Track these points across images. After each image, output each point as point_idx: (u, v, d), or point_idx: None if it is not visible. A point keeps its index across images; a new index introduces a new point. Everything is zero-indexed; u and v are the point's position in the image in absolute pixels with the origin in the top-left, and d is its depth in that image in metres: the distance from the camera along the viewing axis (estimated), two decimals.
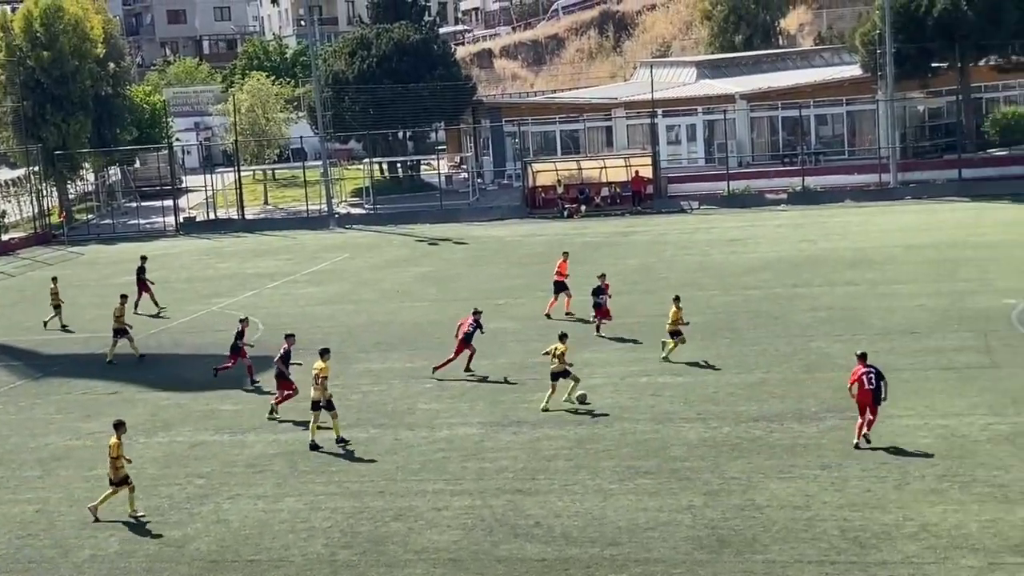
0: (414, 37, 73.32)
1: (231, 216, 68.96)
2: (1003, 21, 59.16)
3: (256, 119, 77.79)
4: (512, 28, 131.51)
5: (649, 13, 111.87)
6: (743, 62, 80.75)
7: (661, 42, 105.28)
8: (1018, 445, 22.45)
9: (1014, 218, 50.82)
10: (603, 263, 46.76)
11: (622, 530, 19.88)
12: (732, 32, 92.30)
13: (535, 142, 72.53)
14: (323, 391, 25.39)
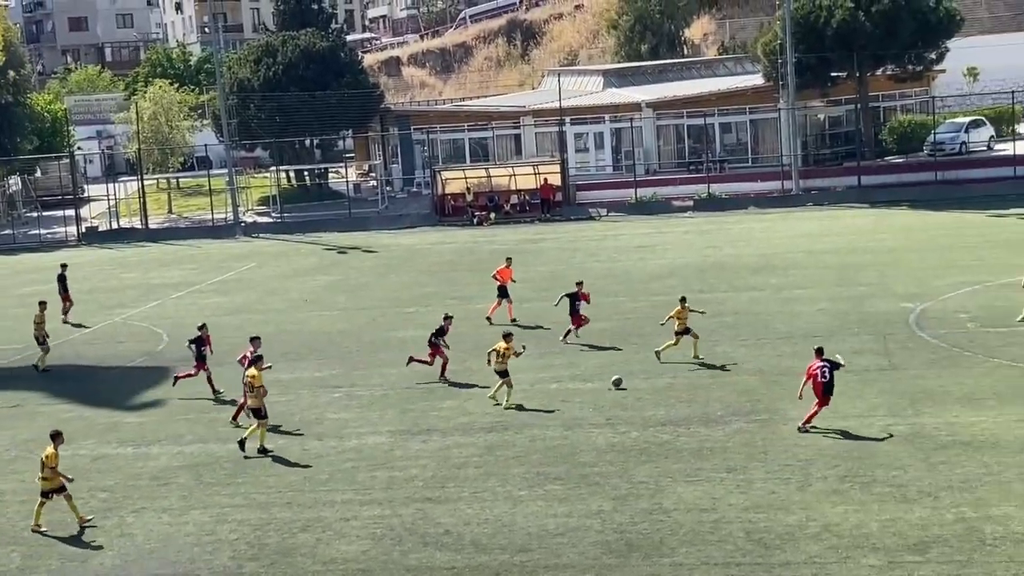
0: (321, 44, 73.01)
1: (134, 226, 68.01)
2: (899, 32, 60.46)
3: (160, 127, 76.87)
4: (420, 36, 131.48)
5: (556, 22, 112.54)
6: (649, 71, 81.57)
7: (568, 51, 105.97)
8: (916, 445, 22.96)
9: (911, 224, 51.93)
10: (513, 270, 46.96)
11: (532, 536, 19.99)
12: (638, 41, 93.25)
13: (444, 150, 72.57)
14: (259, 398, 25.39)
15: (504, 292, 37.48)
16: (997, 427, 23.67)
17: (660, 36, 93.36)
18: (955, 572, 17.49)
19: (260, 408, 25.48)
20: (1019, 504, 19.68)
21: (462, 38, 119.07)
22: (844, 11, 60.56)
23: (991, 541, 18.39)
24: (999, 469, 21.36)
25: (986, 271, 39.35)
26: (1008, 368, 27.67)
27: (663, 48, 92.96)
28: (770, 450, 23.33)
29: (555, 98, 68.19)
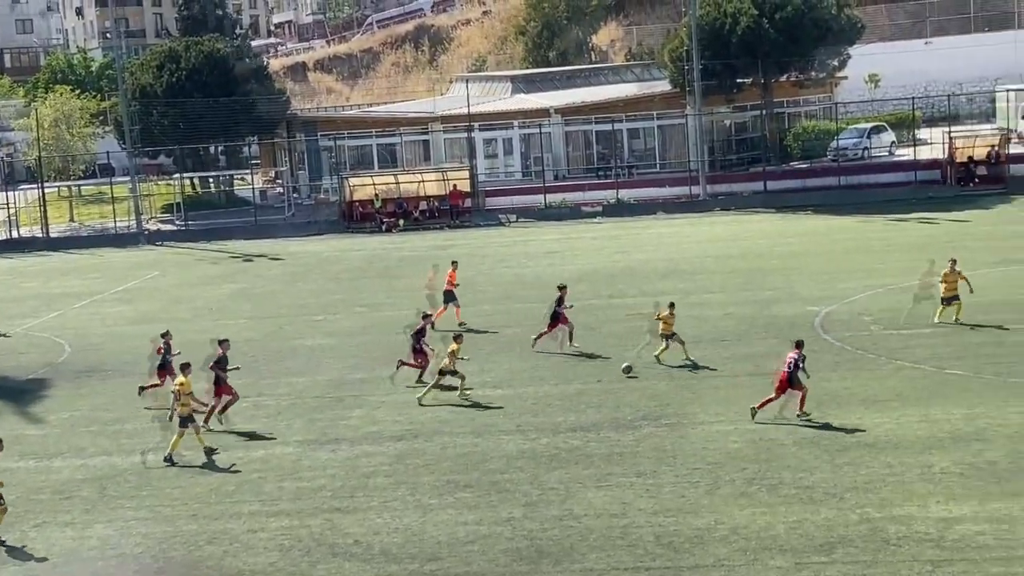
0: (225, 50, 72.18)
1: (35, 234, 66.65)
2: (801, 39, 61.37)
3: (60, 134, 75.42)
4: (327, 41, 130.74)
5: (464, 28, 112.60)
6: (557, 77, 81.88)
7: (476, 56, 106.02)
8: (822, 447, 23.24)
9: (816, 228, 52.68)
10: (422, 277, 46.80)
11: (442, 545, 19.87)
12: (546, 48, 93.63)
13: (352, 156, 72.11)
14: (187, 406, 25.15)
15: (451, 296, 37.23)
16: (899, 428, 24.04)
17: (568, 42, 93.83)
18: (860, 572, 17.70)
19: (188, 416, 25.16)
20: (921, 504, 20.00)
21: (369, 43, 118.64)
22: (749, 18, 61.32)
23: (895, 541, 18.65)
24: (902, 469, 21.69)
25: (889, 274, 40.02)
26: (910, 370, 28.13)
27: (571, 54, 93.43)
28: (679, 454, 23.46)
29: (464, 104, 68.15)
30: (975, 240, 45.74)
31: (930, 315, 32.48)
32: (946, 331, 31.65)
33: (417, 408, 27.94)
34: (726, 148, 69.51)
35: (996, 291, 35.87)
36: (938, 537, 18.66)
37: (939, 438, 23.24)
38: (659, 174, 67.26)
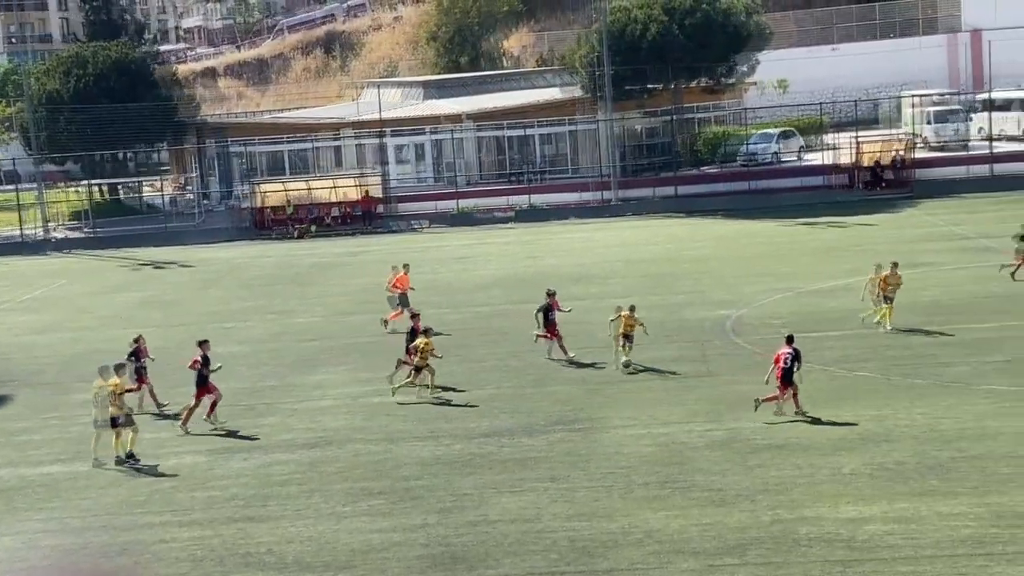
0: (133, 55, 71.17)
1: None
2: (711, 45, 61.99)
3: None
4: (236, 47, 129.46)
5: (375, 33, 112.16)
6: (469, 82, 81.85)
7: (388, 62, 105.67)
8: (734, 450, 23.46)
9: (726, 232, 53.24)
10: (334, 283, 46.59)
11: (355, 552, 19.74)
12: (457, 53, 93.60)
13: (263, 162, 71.48)
14: (119, 407, 24.95)
15: (404, 299, 37.00)
16: (810, 430, 24.35)
17: (479, 48, 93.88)
18: (772, 573, 17.88)
19: (118, 417, 25.02)
20: (831, 505, 20.27)
21: (279, 49, 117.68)
22: (658, 24, 61.81)
23: (805, 542, 18.87)
24: (811, 471, 21.97)
25: (798, 278, 40.57)
26: (819, 372, 28.51)
27: (482, 60, 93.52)
28: (592, 458, 23.55)
29: (375, 109, 67.88)
30: (881, 243, 46.50)
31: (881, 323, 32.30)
32: (855, 334, 32.11)
33: (330, 415, 27.78)
34: (637, 153, 69.95)
35: (902, 294, 36.47)
36: (848, 537, 18.92)
37: (848, 439, 23.58)
38: (571, 179, 67.50)
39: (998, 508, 19.59)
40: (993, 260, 41.05)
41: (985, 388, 26.11)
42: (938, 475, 21.30)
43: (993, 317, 32.80)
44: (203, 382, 27.24)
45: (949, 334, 31.24)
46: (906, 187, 60.04)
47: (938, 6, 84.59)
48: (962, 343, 30.25)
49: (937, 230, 49.04)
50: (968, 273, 39.02)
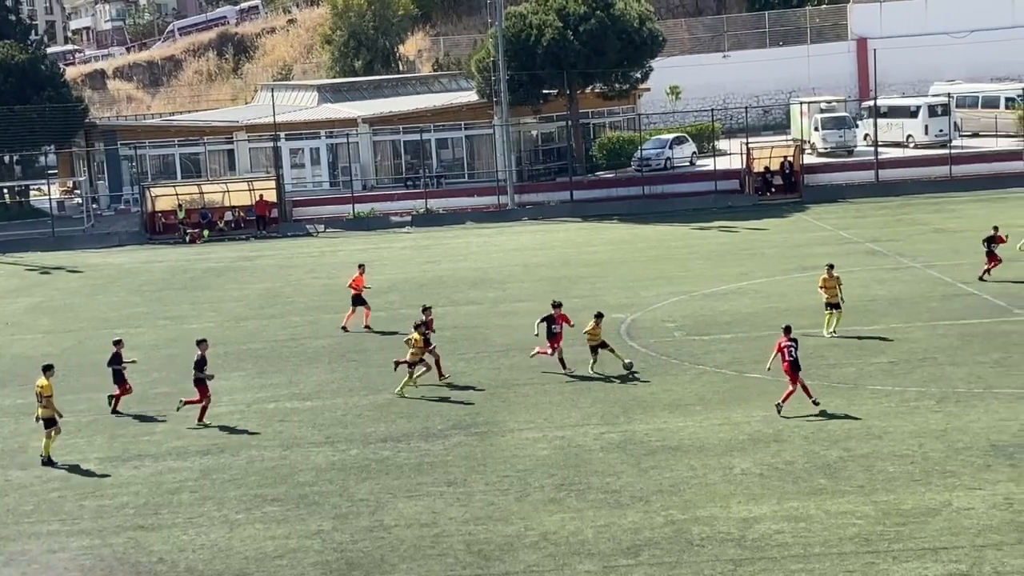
0: (19, 57, 69.61)
1: None
2: (606, 51, 62.50)
3: None
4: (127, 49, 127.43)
5: (269, 36, 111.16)
6: (364, 86, 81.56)
7: (282, 65, 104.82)
8: (628, 452, 23.69)
9: (621, 237, 53.72)
10: (228, 288, 46.07)
11: (250, 560, 19.55)
12: (352, 57, 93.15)
13: (154, 166, 70.43)
14: (49, 408, 24.85)
15: (360, 300, 36.80)
16: (702, 431, 24.68)
17: (375, 52, 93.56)
18: (666, 573, 18.09)
19: (51, 418, 24.97)
20: (723, 505, 20.57)
21: (171, 51, 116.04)
22: (554, 30, 62.17)
23: (698, 542, 19.13)
24: (704, 471, 22.27)
25: (691, 282, 41.08)
26: (712, 374, 28.91)
27: (378, 64, 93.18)
28: (489, 462, 23.60)
29: (269, 113, 67.30)
30: (772, 248, 47.34)
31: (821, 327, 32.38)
32: (746, 336, 32.59)
33: (223, 422, 27.46)
34: (533, 158, 70.30)
35: (792, 297, 37.18)
36: (739, 536, 19.21)
37: (740, 440, 23.95)
38: (467, 184, 67.61)
39: (884, 506, 20.05)
40: (879, 264, 42.01)
41: (871, 389, 26.69)
42: (826, 474, 21.74)
43: (879, 319, 33.54)
44: (199, 383, 27.38)
45: (837, 336, 31.85)
46: (795, 192, 61.13)
47: (826, 16, 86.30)
48: (849, 345, 30.88)
49: (825, 234, 50.00)
50: (855, 277, 39.78)
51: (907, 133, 66.52)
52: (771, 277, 41.06)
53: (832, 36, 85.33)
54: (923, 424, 24.20)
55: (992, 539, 18.48)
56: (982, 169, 62.23)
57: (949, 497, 20.26)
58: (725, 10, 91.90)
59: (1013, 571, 17.34)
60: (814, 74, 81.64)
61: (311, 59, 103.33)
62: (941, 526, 19.11)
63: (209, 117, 79.64)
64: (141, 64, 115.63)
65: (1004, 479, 20.93)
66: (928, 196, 58.79)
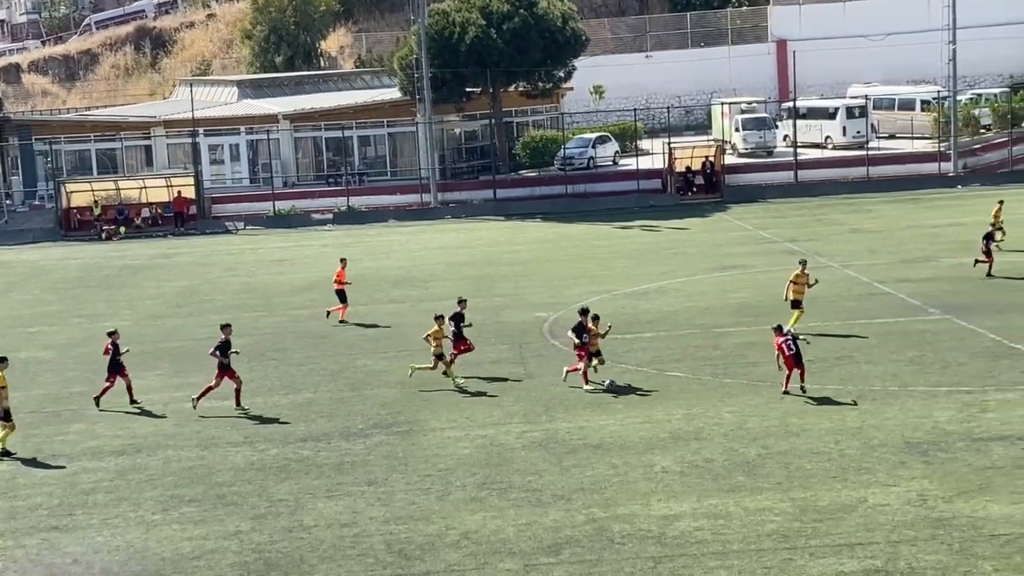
0: None
1: None
2: (529, 50, 62.56)
3: None
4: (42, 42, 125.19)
5: (188, 31, 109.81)
6: (285, 82, 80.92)
7: (201, 60, 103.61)
8: (550, 450, 23.69)
9: (544, 236, 53.81)
10: (145, 286, 45.45)
11: (166, 561, 19.26)
12: (273, 52, 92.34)
13: (69, 161, 69.30)
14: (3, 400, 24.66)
15: (342, 295, 36.82)
16: (623, 429, 24.76)
17: (296, 47, 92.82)
18: (587, 571, 18.11)
19: (7, 409, 24.88)
20: (644, 503, 20.64)
21: (87, 45, 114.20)
22: (477, 28, 62.09)
23: (619, 539, 19.17)
24: (626, 469, 22.34)
25: (613, 280, 41.24)
26: (633, 373, 29.02)
27: (299, 60, 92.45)
28: (411, 461, 23.48)
29: (188, 108, 66.50)
30: (693, 247, 47.69)
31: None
32: (667, 335, 32.78)
33: (138, 422, 27.09)
34: (456, 156, 70.20)
35: (712, 296, 37.47)
36: (659, 534, 19.29)
37: (661, 438, 24.06)
38: (390, 182, 67.32)
39: (802, 503, 20.24)
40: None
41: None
42: (745, 472, 21.91)
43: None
44: (223, 368, 27.38)
45: (757, 335, 32.11)
46: (716, 192, 61.65)
47: (747, 17, 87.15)
48: (768, 344, 31.04)
49: (746, 234, 50.47)
50: (775, 276, 40.16)
51: (825, 134, 67.36)
52: (692, 276, 41.35)
53: (752, 38, 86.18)
54: (840, 422, 24.48)
55: (907, 535, 18.73)
56: (898, 170, 63.25)
57: (865, 494, 20.51)
58: (647, 10, 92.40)
59: (927, 566, 17.59)
60: (735, 75, 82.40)
61: (231, 54, 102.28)
62: (857, 522, 19.33)
63: (126, 112, 78.55)
64: (57, 58, 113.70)
65: (918, 476, 21.23)
66: (845, 197, 59.61)
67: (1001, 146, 65.79)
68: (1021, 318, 32.36)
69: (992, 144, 66.94)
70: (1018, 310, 33.33)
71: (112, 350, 28.37)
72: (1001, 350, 29.31)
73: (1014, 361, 28.26)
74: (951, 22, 62.29)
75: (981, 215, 50.98)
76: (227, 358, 27.46)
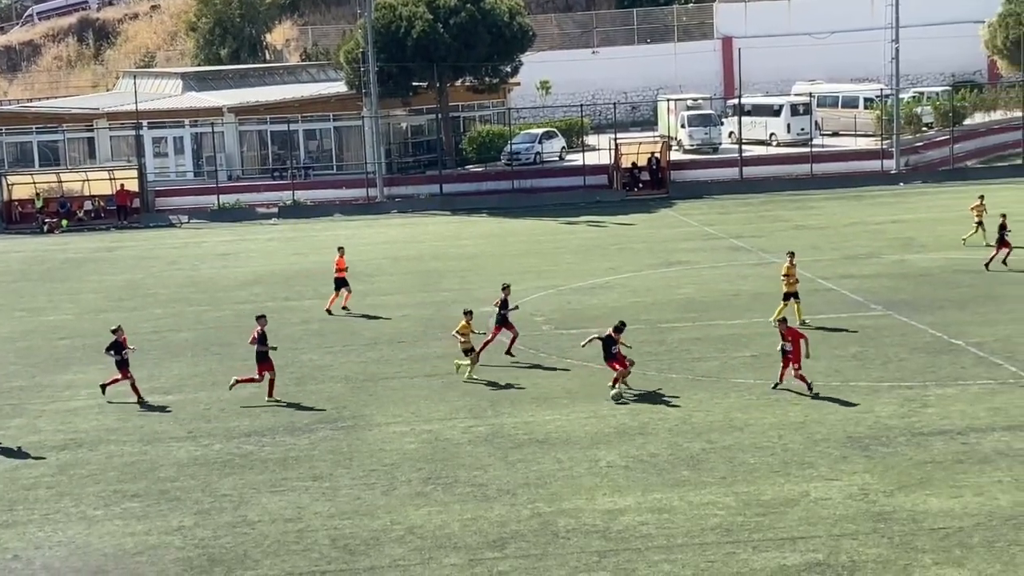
0: None
1: None
2: (476, 45, 62.51)
3: None
4: None
5: (131, 22, 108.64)
6: (230, 75, 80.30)
7: (145, 52, 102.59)
8: (495, 445, 23.72)
9: (490, 231, 53.81)
10: (87, 280, 44.99)
11: (108, 557, 19.10)
12: (218, 45, 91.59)
13: (10, 153, 68.39)
14: None
15: (342, 282, 36.64)
16: (569, 424, 24.83)
17: (241, 40, 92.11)
18: (532, 565, 18.15)
19: None
20: (588, 497, 20.71)
21: (29, 36, 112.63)
22: (424, 23, 61.94)
23: (564, 534, 19.23)
24: (571, 464, 22.41)
25: (559, 276, 41.32)
26: (579, 368, 29.09)
27: (244, 52, 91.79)
28: (356, 456, 23.42)
29: (131, 101, 65.86)
30: (639, 243, 47.88)
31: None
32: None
33: (81, 416, 26.82)
34: (403, 151, 70.04)
35: (658, 292, 37.66)
36: (604, 528, 19.37)
37: (606, 433, 24.15)
38: (336, 176, 67.03)
39: (745, 497, 20.40)
40: (743, 259, 42.78)
41: (734, 382, 27.15)
42: (689, 466, 22.05)
43: (742, 314, 34.13)
44: (263, 358, 27.13)
45: (701, 330, 32.33)
46: (662, 189, 61.93)
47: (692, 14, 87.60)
48: (713, 339, 31.37)
49: (691, 230, 50.75)
50: (719, 272, 40.51)
51: (770, 131, 67.84)
52: (638, 272, 41.52)
53: (698, 35, 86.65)
54: (783, 416, 24.70)
55: (848, 529, 18.93)
56: (841, 168, 63.85)
57: (807, 488, 20.71)
58: (594, 6, 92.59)
59: (868, 560, 17.80)
60: (681, 72, 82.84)
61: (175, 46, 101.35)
62: (799, 516, 19.51)
63: (69, 104, 77.60)
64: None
65: (860, 470, 21.46)
66: (790, 193, 60.09)
67: (943, 144, 66.60)
68: (960, 314, 32.80)
69: (934, 142, 67.79)
70: (957, 306, 33.78)
71: (119, 343, 27.58)
72: (941, 345, 29.69)
73: (954, 356, 28.64)
74: (894, 21, 62.97)
75: (923, 212, 51.76)
76: (266, 347, 27.33)
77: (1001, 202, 45.13)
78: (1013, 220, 39.15)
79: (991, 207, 42.25)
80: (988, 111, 74.44)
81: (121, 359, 27.69)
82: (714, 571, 17.68)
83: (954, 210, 48.79)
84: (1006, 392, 25.70)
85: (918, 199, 55.76)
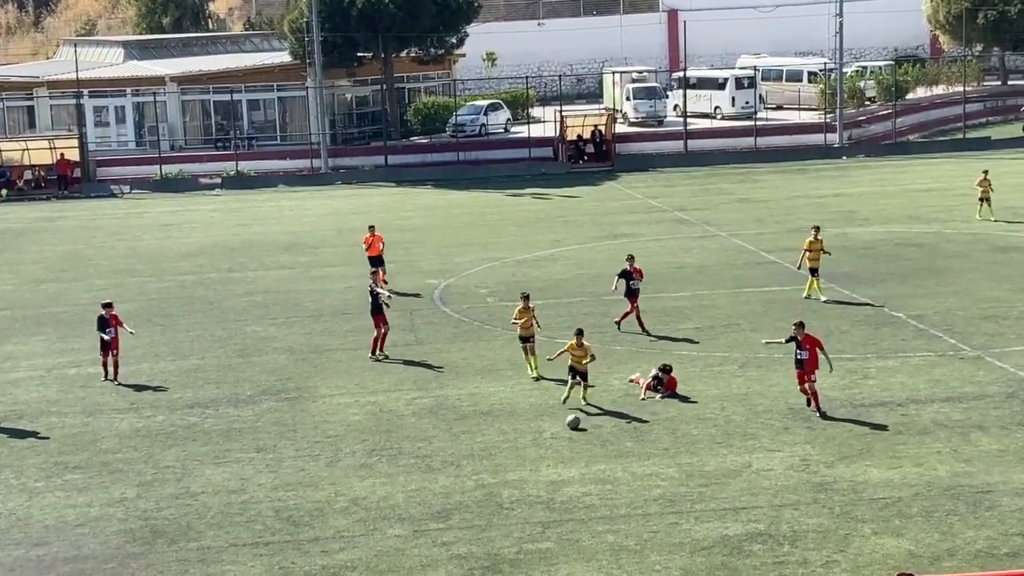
0: None
1: None
2: (421, 15, 62.11)
3: None
4: None
5: None
6: (173, 44, 79.39)
7: (86, 20, 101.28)
8: (440, 417, 23.75)
9: (435, 203, 53.67)
10: (27, 250, 44.45)
11: (50, 529, 18.96)
12: (160, 13, 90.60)
13: None
14: None
15: (379, 260, 35.27)
16: (514, 396, 24.90)
17: (184, 9, 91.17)
18: (476, 536, 18.23)
19: None
20: (532, 468, 20.81)
21: None
22: None
23: (508, 504, 19.31)
24: (515, 436, 22.48)
25: (504, 248, 41.33)
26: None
27: (187, 21, 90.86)
28: (300, 428, 23.38)
29: (72, 69, 64.93)
30: (584, 215, 47.95)
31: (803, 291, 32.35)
32: (556, 303, 32.92)
33: (22, 388, 26.59)
34: (347, 122, 69.55)
35: (602, 264, 37.74)
36: (548, 499, 19.47)
37: (550, 405, 24.24)
38: (280, 146, 66.53)
39: (688, 468, 20.58)
40: (687, 232, 42.98)
41: (677, 354, 27.29)
42: (633, 437, 22.19)
43: (686, 287, 34.34)
44: (378, 311, 27.84)
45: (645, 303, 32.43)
46: (607, 161, 62.01)
47: None
48: (657, 311, 31.50)
49: (636, 203, 50.88)
50: (663, 244, 40.68)
51: (715, 105, 68.06)
52: (583, 244, 41.60)
53: (644, 7, 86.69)
54: (726, 388, 24.91)
55: (789, 499, 19.16)
56: (785, 141, 64.19)
57: (749, 459, 20.92)
58: None
59: (809, 529, 18.02)
60: (626, 44, 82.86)
61: (117, 14, 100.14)
62: (741, 487, 19.71)
63: (8, 72, 76.41)
64: None
65: (801, 441, 21.71)
66: (734, 167, 60.37)
67: (885, 118, 67.14)
68: (902, 286, 33.17)
69: (876, 116, 68.31)
70: (898, 279, 34.16)
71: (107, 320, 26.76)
72: (882, 318, 30.03)
73: (894, 329, 28.98)
74: None
75: (865, 186, 52.19)
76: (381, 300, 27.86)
77: (943, 176, 45.63)
78: (955, 194, 39.60)
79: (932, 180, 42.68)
80: (930, 85, 75.06)
81: (107, 339, 26.74)
82: (657, 541, 17.84)
83: (896, 183, 49.30)
84: (945, 364, 26.07)
85: (860, 173, 56.21)
